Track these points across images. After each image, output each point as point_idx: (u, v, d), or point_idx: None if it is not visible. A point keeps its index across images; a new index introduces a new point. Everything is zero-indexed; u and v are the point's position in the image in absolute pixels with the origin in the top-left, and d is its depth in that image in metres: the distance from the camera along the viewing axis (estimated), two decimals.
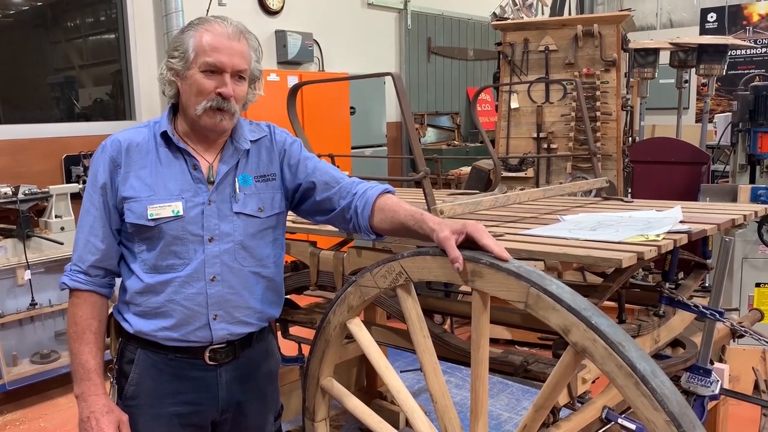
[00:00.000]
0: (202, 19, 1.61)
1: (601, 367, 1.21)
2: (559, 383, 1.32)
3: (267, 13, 6.13)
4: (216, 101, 1.56)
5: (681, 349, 2.10)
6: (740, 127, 4.11)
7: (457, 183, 6.11)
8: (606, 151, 4.22)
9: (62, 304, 3.94)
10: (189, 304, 1.61)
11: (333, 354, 1.79)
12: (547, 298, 1.27)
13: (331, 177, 1.71)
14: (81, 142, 4.72)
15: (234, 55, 1.57)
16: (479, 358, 1.42)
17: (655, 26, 9.80)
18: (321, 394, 1.83)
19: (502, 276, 1.34)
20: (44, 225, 3.96)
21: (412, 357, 2.49)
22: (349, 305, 1.68)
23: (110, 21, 5.25)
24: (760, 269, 3.68)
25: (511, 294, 1.33)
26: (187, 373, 1.66)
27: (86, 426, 1.59)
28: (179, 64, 1.58)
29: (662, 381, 1.16)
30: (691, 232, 1.77)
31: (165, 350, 1.64)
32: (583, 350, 1.23)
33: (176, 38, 1.61)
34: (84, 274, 1.64)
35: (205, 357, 1.65)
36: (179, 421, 1.66)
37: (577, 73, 4.28)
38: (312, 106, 5.66)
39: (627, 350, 1.18)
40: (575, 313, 1.24)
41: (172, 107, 1.68)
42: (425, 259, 1.48)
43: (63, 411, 3.78)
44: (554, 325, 1.27)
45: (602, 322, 1.22)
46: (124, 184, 1.60)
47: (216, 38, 1.56)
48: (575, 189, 2.61)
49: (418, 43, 7.76)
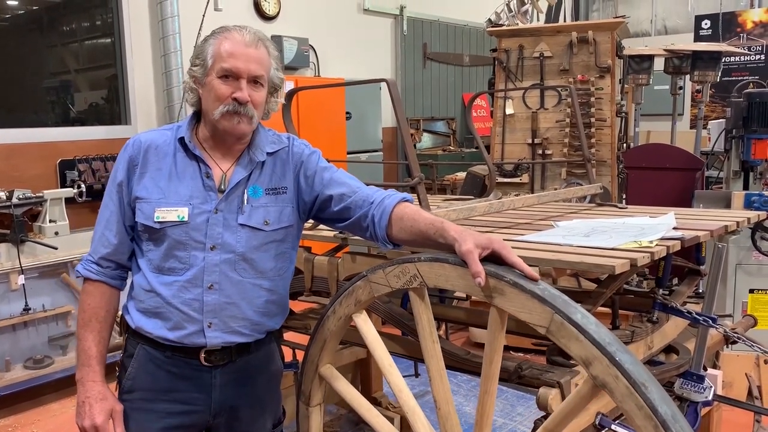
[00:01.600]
0: (223, 28, 1.66)
1: (620, 405, 1.20)
2: (572, 413, 1.31)
3: (263, 18, 6.14)
4: (232, 106, 1.60)
5: (674, 355, 2.10)
6: (734, 134, 4.13)
7: (452, 188, 6.12)
8: (600, 157, 4.24)
9: (56, 309, 3.93)
10: (186, 309, 1.63)
11: (334, 343, 1.79)
12: (571, 327, 1.25)
13: (348, 187, 1.70)
14: (76, 147, 4.71)
15: (250, 62, 1.61)
16: (490, 373, 1.41)
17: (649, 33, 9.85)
18: (318, 380, 1.83)
19: (526, 297, 1.31)
20: (38, 230, 3.94)
21: (406, 363, 2.49)
22: (357, 299, 1.66)
23: (106, 25, 5.25)
24: (754, 275, 3.69)
25: (533, 317, 1.30)
26: (182, 371, 1.68)
27: (81, 410, 1.64)
28: (199, 71, 1.64)
29: (682, 427, 1.14)
30: (684, 239, 1.78)
31: (162, 348, 1.67)
32: (603, 385, 1.21)
33: (198, 47, 1.67)
34: (96, 264, 1.69)
35: (200, 358, 1.67)
36: (172, 421, 1.68)
37: (571, 79, 4.30)
38: (308, 112, 5.67)
39: (650, 392, 1.16)
40: (599, 346, 1.21)
41: (195, 114, 1.72)
42: (444, 266, 1.45)
43: (56, 417, 3.76)
44: (575, 355, 1.25)
45: (626, 359, 1.20)
46: (138, 184, 1.65)
47: (233, 45, 1.61)
48: (569, 195, 2.62)
49: (414, 48, 7.78)
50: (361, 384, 3.33)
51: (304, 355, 1.86)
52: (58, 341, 3.96)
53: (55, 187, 4.49)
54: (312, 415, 1.87)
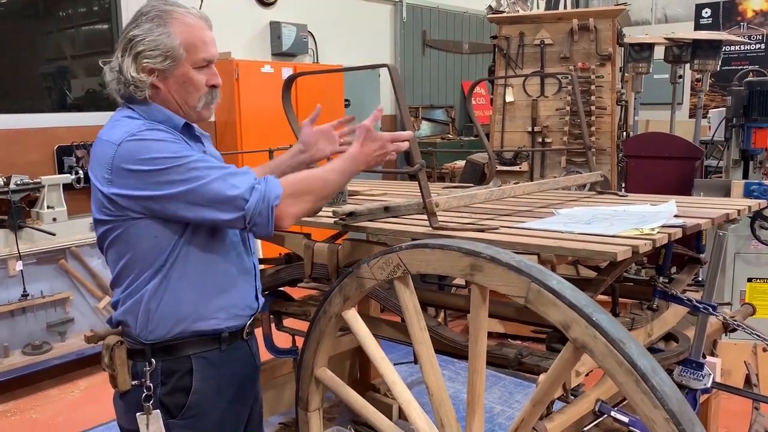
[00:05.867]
0: (164, 11, 1.56)
1: (601, 364, 1.21)
2: (558, 378, 1.33)
3: (262, 4, 6.10)
4: (212, 94, 1.61)
5: (674, 342, 2.11)
6: (734, 123, 4.11)
7: (451, 176, 6.11)
8: (600, 145, 4.23)
9: (54, 296, 3.92)
10: (244, 277, 1.68)
11: (328, 345, 1.80)
12: (548, 293, 1.27)
13: None
14: (73, 133, 4.69)
15: (214, 44, 1.62)
16: (477, 352, 1.42)
17: (650, 21, 9.80)
18: (315, 384, 1.83)
19: (502, 270, 1.34)
20: (36, 216, 3.93)
21: (405, 350, 2.49)
22: (345, 296, 1.68)
23: (103, 11, 5.21)
24: (753, 264, 3.70)
25: (511, 288, 1.33)
26: (237, 364, 1.70)
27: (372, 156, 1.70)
28: (164, 63, 1.54)
29: (662, 378, 1.16)
30: (685, 226, 1.77)
31: (216, 342, 1.64)
32: (583, 346, 1.23)
33: (151, 38, 1.53)
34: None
35: (243, 333, 1.71)
36: (239, 402, 1.72)
37: (572, 67, 4.27)
38: (306, 98, 5.64)
39: (628, 347, 1.18)
40: (576, 309, 1.24)
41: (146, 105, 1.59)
42: (424, 251, 1.48)
43: (55, 402, 3.77)
44: (554, 320, 1.27)
45: (603, 318, 1.22)
46: None
47: (201, 31, 1.58)
48: (570, 183, 2.60)
49: (413, 36, 7.74)
50: (360, 371, 3.34)
51: (299, 361, 1.87)
52: (57, 327, 3.96)
53: (53, 173, 4.46)
54: (311, 420, 1.87)
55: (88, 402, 3.74)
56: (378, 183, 3.29)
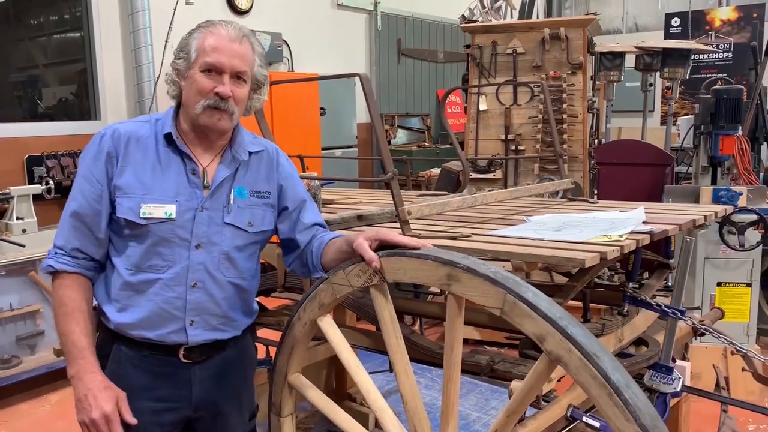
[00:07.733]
0: (209, 22, 1.66)
1: (575, 377, 1.22)
2: (532, 390, 1.33)
3: (235, 12, 6.08)
4: (214, 101, 1.60)
5: (644, 347, 2.14)
6: (702, 130, 4.20)
7: (427, 184, 6.13)
8: (572, 152, 4.28)
9: (24, 308, 3.85)
10: (168, 308, 1.62)
11: (301, 350, 1.79)
12: (523, 305, 1.27)
13: (311, 218, 1.80)
14: (44, 143, 4.62)
15: (234, 57, 1.61)
16: (452, 361, 1.43)
17: (621, 30, 9.97)
18: (288, 389, 1.83)
19: (479, 281, 1.34)
20: (5, 227, 3.86)
21: (381, 359, 2.49)
22: (321, 302, 1.68)
23: (75, 19, 5.14)
24: (722, 269, 3.76)
25: (487, 299, 1.33)
26: (161, 369, 1.66)
27: (84, 405, 1.55)
28: (182, 64, 1.63)
29: (635, 393, 1.17)
30: (653, 233, 1.80)
31: (140, 347, 1.65)
32: (558, 359, 1.24)
33: (182, 40, 1.66)
34: (70, 257, 1.62)
35: (179, 355, 1.66)
36: (152, 419, 1.66)
37: (544, 75, 4.32)
38: (281, 107, 5.63)
39: (601, 361, 1.19)
40: (551, 321, 1.24)
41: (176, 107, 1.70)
42: (400, 260, 1.48)
43: (25, 417, 3.69)
44: (529, 332, 1.27)
45: (578, 332, 1.22)
46: (120, 177, 1.61)
47: (218, 40, 1.60)
48: (542, 190, 2.64)
49: (389, 44, 7.77)
50: (336, 380, 3.33)
51: (272, 366, 1.86)
52: (27, 341, 3.88)
53: (23, 183, 4.39)
54: (284, 425, 1.87)
55: (59, 416, 3.67)
56: (353, 191, 3.30)
